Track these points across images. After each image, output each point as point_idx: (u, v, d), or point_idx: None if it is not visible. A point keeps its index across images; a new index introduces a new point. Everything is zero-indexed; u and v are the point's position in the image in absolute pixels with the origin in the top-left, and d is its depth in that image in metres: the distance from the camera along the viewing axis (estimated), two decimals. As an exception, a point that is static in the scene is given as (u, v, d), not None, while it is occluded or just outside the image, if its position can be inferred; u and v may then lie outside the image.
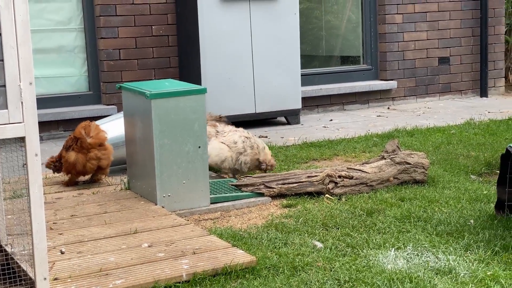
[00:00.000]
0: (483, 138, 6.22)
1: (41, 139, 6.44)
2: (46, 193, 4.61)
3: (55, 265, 3.34)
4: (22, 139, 2.79)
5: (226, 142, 4.85)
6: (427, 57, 8.60)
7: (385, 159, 4.83)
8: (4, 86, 2.71)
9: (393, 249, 3.58)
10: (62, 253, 3.52)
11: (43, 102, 6.70)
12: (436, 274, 3.27)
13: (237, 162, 4.82)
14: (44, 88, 6.92)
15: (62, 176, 5.00)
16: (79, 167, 4.77)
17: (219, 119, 5.29)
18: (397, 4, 8.34)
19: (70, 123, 6.70)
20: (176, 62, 7.23)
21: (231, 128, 4.99)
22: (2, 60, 2.70)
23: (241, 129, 5.03)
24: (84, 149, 4.76)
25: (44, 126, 6.59)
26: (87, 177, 4.95)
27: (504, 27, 9.22)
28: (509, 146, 3.82)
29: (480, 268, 3.30)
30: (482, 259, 3.43)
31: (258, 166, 4.89)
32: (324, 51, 8.69)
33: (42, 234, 2.83)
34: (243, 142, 4.83)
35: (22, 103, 2.74)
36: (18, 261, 3.22)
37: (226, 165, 4.85)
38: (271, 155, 5.01)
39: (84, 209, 4.31)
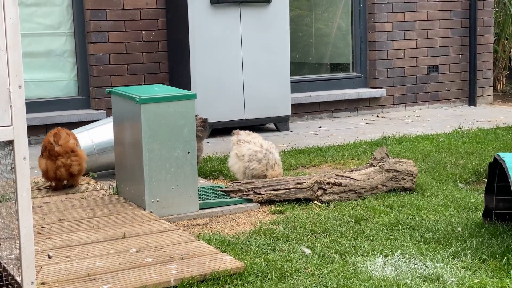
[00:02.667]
0: (471, 147, 6.24)
1: (30, 143, 6.42)
2: (34, 197, 4.59)
3: (42, 270, 3.32)
4: (10, 143, 2.77)
5: (238, 154, 4.93)
6: (416, 66, 8.63)
7: (373, 166, 4.84)
8: (-7, 89, 2.70)
9: (381, 256, 3.59)
10: (49, 257, 3.51)
11: (32, 106, 6.68)
12: (424, 281, 3.28)
13: (246, 173, 4.87)
14: (33, 92, 6.90)
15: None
16: (51, 173, 4.81)
17: (203, 122, 5.28)
18: (387, 13, 8.37)
19: (59, 128, 6.67)
20: (166, 68, 7.23)
21: (251, 137, 5.00)
22: (-8, 63, 2.69)
23: (258, 138, 5.00)
24: (53, 157, 4.79)
25: (33, 130, 6.57)
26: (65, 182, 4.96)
27: (493, 36, 9.27)
28: (497, 154, 3.84)
29: (467, 276, 3.31)
30: (469, 266, 3.44)
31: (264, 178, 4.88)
32: (314, 59, 8.71)
33: (29, 238, 2.82)
34: (250, 155, 4.84)
35: (11, 106, 2.73)
36: (5, 265, 3.21)
37: (239, 177, 4.91)
38: (281, 170, 4.96)
39: (72, 214, 4.30)
